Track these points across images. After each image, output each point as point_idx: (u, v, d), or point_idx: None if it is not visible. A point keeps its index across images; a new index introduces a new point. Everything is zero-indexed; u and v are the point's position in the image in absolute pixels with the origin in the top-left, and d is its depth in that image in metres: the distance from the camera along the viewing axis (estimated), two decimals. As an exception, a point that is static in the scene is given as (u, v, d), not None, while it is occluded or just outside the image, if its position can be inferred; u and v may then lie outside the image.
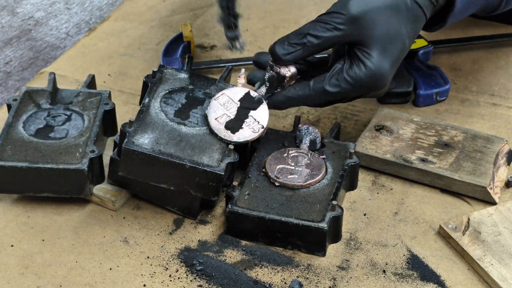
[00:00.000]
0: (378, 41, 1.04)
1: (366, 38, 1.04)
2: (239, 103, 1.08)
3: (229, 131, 1.06)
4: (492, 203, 1.10)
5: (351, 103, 1.26)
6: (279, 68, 1.07)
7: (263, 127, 1.07)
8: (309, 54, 1.07)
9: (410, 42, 1.08)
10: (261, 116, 1.07)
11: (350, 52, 1.06)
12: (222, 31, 1.17)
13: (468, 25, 1.43)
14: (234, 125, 1.07)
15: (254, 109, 1.08)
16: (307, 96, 1.07)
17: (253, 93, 1.09)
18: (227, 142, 1.06)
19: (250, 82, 1.11)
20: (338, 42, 1.06)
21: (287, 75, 1.07)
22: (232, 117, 1.07)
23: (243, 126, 1.07)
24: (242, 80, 1.11)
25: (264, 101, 1.08)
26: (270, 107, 1.08)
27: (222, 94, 1.09)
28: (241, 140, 1.06)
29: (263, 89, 1.09)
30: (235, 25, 1.07)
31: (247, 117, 1.07)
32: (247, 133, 1.07)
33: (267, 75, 1.08)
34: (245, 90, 1.09)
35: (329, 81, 1.06)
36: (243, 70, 1.11)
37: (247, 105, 1.08)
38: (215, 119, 1.07)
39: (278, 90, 1.09)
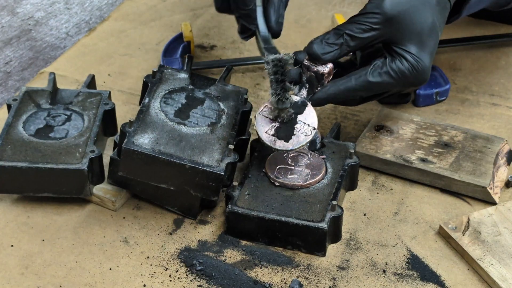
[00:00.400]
0: (415, 37, 1.05)
1: (403, 36, 1.05)
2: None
3: (283, 141, 1.05)
4: (492, 203, 1.10)
5: (351, 103, 1.27)
6: (316, 66, 1.07)
7: (314, 128, 1.06)
8: (345, 53, 1.07)
9: (441, 32, 1.08)
10: (309, 118, 1.06)
11: (388, 48, 1.06)
12: (222, 33, 1.17)
13: (468, 25, 1.43)
14: (286, 133, 1.05)
15: (301, 112, 1.06)
16: (349, 91, 1.07)
17: (295, 98, 1.07)
18: (285, 151, 1.06)
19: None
20: (374, 42, 1.06)
21: (325, 71, 1.07)
22: (281, 126, 1.06)
23: (295, 132, 1.05)
24: None
25: (308, 103, 1.07)
26: (313, 105, 1.07)
27: (265, 106, 1.07)
28: (297, 146, 1.05)
29: (304, 92, 1.08)
30: (287, 99, 1.06)
31: (296, 122, 1.06)
32: (301, 138, 1.05)
33: (304, 77, 1.08)
34: None
35: (371, 74, 1.06)
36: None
37: (293, 110, 1.07)
38: (265, 132, 1.06)
39: (319, 88, 1.08)
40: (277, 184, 1.07)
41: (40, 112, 1.15)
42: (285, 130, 1.05)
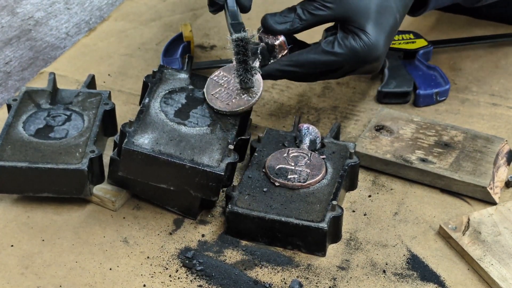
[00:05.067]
0: (366, 16, 1.07)
1: (354, 14, 1.07)
2: (234, 77, 1.10)
3: (224, 102, 1.09)
4: (492, 203, 1.10)
5: (351, 103, 1.26)
6: (267, 38, 1.10)
7: (257, 94, 1.09)
8: (299, 28, 1.09)
9: (401, 18, 1.11)
10: (255, 85, 1.09)
11: (344, 28, 1.09)
12: (222, 33, 1.17)
13: (468, 25, 1.43)
14: (229, 97, 1.09)
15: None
16: (300, 63, 1.09)
17: None
18: (223, 113, 1.09)
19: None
20: (328, 20, 1.09)
21: (275, 43, 1.10)
22: (228, 90, 1.09)
23: (238, 96, 1.09)
24: None
25: (258, 72, 1.09)
26: (265, 77, 1.10)
27: (218, 72, 1.12)
28: (236, 109, 1.09)
29: (256, 62, 1.10)
30: (250, 79, 1.08)
31: (242, 88, 1.09)
32: (242, 102, 1.09)
33: (259, 48, 1.10)
34: None
35: (324, 47, 1.08)
36: None
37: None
38: (211, 94, 1.10)
39: (272, 61, 1.11)
40: (277, 184, 1.07)
41: (40, 112, 1.15)
42: (230, 94, 1.09)
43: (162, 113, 1.09)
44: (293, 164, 1.09)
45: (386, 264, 1.03)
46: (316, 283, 1.01)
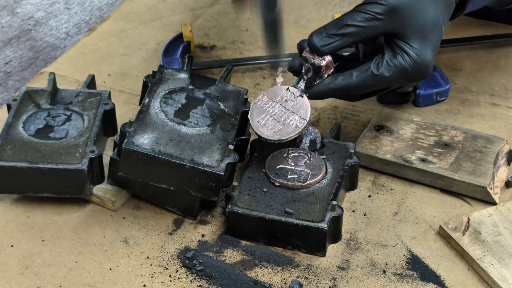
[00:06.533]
0: (418, 31, 1.04)
1: (407, 29, 1.04)
2: (279, 101, 1.08)
3: (272, 131, 1.05)
4: (492, 203, 1.10)
5: (351, 103, 1.26)
6: (313, 59, 1.06)
7: (305, 120, 1.06)
8: (347, 45, 1.05)
9: (445, 29, 1.07)
10: (302, 110, 1.06)
11: (390, 43, 1.05)
12: (222, 33, 1.16)
13: (468, 25, 1.43)
14: (276, 124, 1.06)
15: (295, 104, 1.07)
16: (350, 86, 1.06)
17: (293, 89, 1.08)
18: (272, 142, 1.05)
19: (291, 69, 1.10)
20: (377, 33, 1.04)
21: (322, 64, 1.06)
22: (275, 116, 1.06)
23: (285, 123, 1.06)
24: (280, 79, 1.09)
25: (304, 95, 1.07)
26: (311, 98, 1.07)
27: (262, 96, 1.08)
28: (285, 137, 1.05)
29: (302, 84, 1.08)
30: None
31: (289, 113, 1.06)
32: (290, 129, 1.05)
33: (303, 69, 1.08)
34: (284, 87, 1.08)
35: (373, 70, 1.05)
36: (280, 69, 1.10)
37: (288, 101, 1.07)
38: (257, 121, 1.06)
39: (318, 81, 1.08)
40: (277, 184, 1.07)
41: (40, 112, 1.15)
42: (277, 121, 1.06)
43: (162, 113, 1.09)
44: (293, 164, 1.09)
45: (386, 264, 1.03)
46: (316, 283, 1.01)
